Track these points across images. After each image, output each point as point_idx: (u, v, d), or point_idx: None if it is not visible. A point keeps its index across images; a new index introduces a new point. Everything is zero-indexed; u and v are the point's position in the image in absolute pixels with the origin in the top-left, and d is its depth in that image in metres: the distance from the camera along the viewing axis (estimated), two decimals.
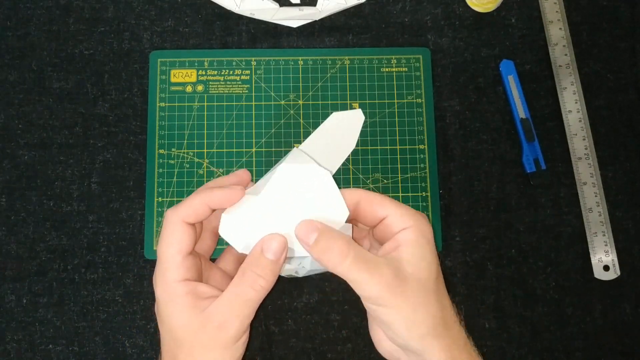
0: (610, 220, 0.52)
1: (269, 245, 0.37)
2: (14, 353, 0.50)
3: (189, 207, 0.38)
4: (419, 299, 0.36)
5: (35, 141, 0.53)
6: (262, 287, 0.37)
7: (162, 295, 0.38)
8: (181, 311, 0.37)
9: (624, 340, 0.51)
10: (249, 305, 0.37)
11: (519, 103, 0.54)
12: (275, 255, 0.37)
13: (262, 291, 0.37)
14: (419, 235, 0.37)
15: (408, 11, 0.56)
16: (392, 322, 0.36)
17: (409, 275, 0.36)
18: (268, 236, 0.38)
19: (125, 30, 0.55)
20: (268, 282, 0.37)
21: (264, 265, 0.37)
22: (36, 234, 0.52)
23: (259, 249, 0.37)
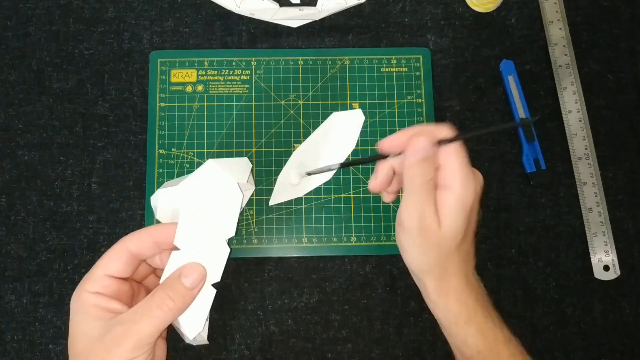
0: (610, 220, 0.52)
1: (189, 273, 0.39)
2: (14, 353, 0.50)
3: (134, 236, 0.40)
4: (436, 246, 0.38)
5: (35, 141, 0.53)
6: (170, 309, 0.37)
7: (74, 303, 0.38)
8: (86, 320, 0.37)
9: (624, 340, 0.51)
10: (152, 323, 0.37)
11: (519, 103, 0.54)
12: (192, 283, 0.39)
13: (169, 313, 0.37)
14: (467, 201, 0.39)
15: (408, 11, 0.56)
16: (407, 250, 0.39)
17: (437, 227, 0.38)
18: (189, 264, 0.39)
19: (125, 30, 0.55)
20: (177, 306, 0.38)
21: (178, 289, 0.38)
22: (36, 234, 0.52)
23: (178, 274, 0.39)
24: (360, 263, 0.51)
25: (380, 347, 0.50)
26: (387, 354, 0.50)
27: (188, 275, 0.39)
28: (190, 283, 0.39)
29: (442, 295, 0.39)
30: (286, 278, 0.51)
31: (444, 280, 0.39)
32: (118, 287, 0.39)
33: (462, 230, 0.38)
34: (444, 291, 0.39)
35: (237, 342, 0.50)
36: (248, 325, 0.50)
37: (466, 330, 0.39)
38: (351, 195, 0.52)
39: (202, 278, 0.39)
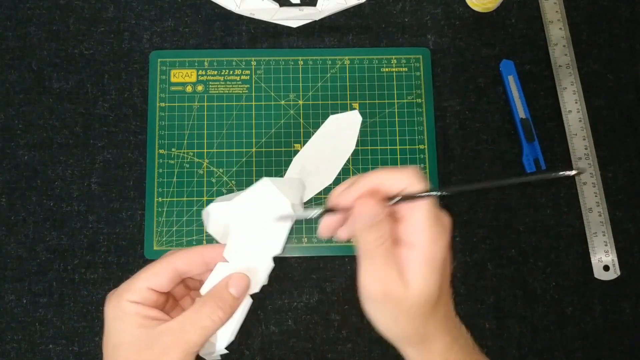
0: (610, 220, 0.52)
1: (235, 283, 0.39)
2: (14, 353, 0.50)
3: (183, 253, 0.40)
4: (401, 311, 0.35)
5: (35, 141, 0.53)
6: (220, 318, 0.37)
7: (113, 311, 0.37)
8: (129, 328, 0.37)
9: (624, 340, 0.51)
10: (201, 333, 0.37)
11: (519, 103, 0.54)
12: (238, 292, 0.38)
13: (218, 322, 0.37)
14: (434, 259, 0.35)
15: (408, 11, 0.56)
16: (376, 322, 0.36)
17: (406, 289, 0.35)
18: (235, 274, 0.39)
19: (125, 30, 0.55)
20: (226, 315, 0.38)
21: (226, 299, 0.38)
22: (36, 234, 0.52)
23: (225, 283, 0.38)
24: None
25: (380, 347, 0.50)
26: (387, 354, 0.50)
27: (235, 285, 0.39)
28: (237, 292, 0.38)
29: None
30: (286, 278, 0.51)
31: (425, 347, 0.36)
32: (156, 299, 0.39)
33: (436, 290, 0.34)
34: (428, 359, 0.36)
35: (237, 342, 0.50)
36: (248, 325, 0.50)
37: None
38: None
39: (247, 287, 0.39)
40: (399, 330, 0.35)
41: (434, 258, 0.34)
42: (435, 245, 0.34)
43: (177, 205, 0.52)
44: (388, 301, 0.34)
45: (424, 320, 0.35)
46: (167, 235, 0.51)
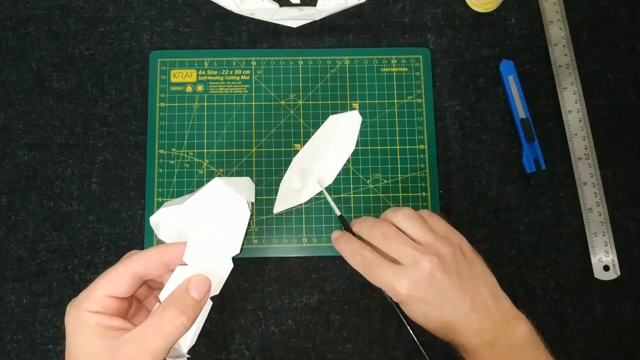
0: (610, 220, 0.52)
1: (196, 285, 0.38)
2: (14, 353, 0.50)
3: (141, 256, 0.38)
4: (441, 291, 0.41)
5: (35, 141, 0.53)
6: (183, 324, 0.36)
7: (72, 323, 0.36)
8: (90, 340, 0.35)
9: (624, 340, 0.51)
10: (165, 341, 0.36)
11: (519, 103, 0.54)
12: (199, 295, 0.38)
13: (181, 328, 0.36)
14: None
15: (408, 11, 0.56)
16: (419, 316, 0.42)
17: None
18: (195, 276, 0.38)
19: (125, 30, 0.55)
20: (189, 320, 0.37)
21: (188, 303, 0.37)
22: (36, 234, 0.52)
23: (185, 287, 0.38)
24: None
25: (380, 347, 0.50)
26: (387, 354, 0.50)
27: (196, 288, 0.38)
28: (198, 295, 0.38)
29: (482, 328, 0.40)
30: (286, 278, 0.51)
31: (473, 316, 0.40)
32: (118, 306, 0.38)
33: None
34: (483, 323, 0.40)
35: (237, 342, 0.50)
36: (248, 325, 0.50)
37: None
38: (351, 196, 0.52)
39: (208, 289, 0.39)
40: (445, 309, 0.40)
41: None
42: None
43: None
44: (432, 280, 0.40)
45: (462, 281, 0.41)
46: None
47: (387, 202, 0.52)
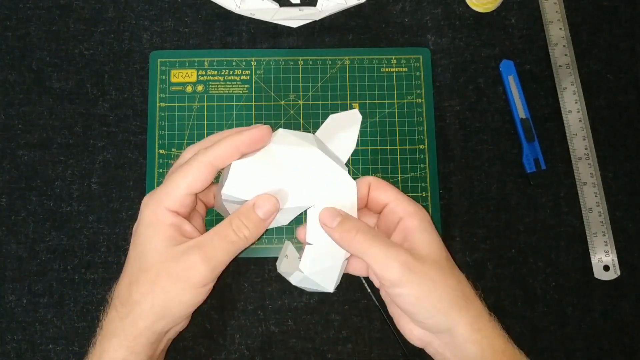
0: (610, 220, 0.52)
1: (262, 204, 0.38)
2: (14, 353, 0.50)
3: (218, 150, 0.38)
4: (437, 275, 0.37)
5: (35, 141, 0.53)
6: (245, 236, 0.38)
7: (149, 216, 0.38)
8: (160, 237, 0.37)
9: (624, 340, 0.51)
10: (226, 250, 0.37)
11: (519, 103, 0.54)
12: (264, 214, 0.38)
13: (243, 240, 0.38)
14: (422, 220, 0.39)
15: (408, 11, 0.56)
16: (416, 301, 0.37)
17: (423, 256, 0.38)
18: (263, 195, 0.39)
19: (125, 30, 0.55)
20: (251, 234, 0.38)
21: (252, 218, 0.38)
22: (36, 234, 0.52)
23: (251, 203, 0.38)
24: None
25: (380, 347, 0.50)
26: (387, 354, 0.50)
27: (261, 206, 0.38)
28: (264, 214, 0.38)
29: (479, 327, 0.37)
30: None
31: (471, 307, 0.38)
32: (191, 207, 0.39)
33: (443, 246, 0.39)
34: (480, 321, 0.38)
35: (237, 342, 0.50)
36: (248, 325, 0.50)
37: None
38: None
39: (275, 210, 0.39)
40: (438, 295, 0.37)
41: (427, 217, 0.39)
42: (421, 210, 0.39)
43: None
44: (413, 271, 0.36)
45: (458, 277, 0.38)
46: None
47: None
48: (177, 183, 0.38)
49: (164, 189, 0.38)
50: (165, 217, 0.37)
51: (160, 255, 0.37)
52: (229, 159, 0.39)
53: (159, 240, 0.37)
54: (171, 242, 0.37)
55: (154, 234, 0.37)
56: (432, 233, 0.39)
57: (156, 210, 0.38)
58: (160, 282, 0.36)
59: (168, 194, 0.38)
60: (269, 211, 0.38)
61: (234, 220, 0.38)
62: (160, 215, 0.37)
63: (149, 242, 0.37)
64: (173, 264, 0.36)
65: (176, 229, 0.37)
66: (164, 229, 0.37)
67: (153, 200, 0.38)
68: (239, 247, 0.38)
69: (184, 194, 0.38)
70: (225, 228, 0.38)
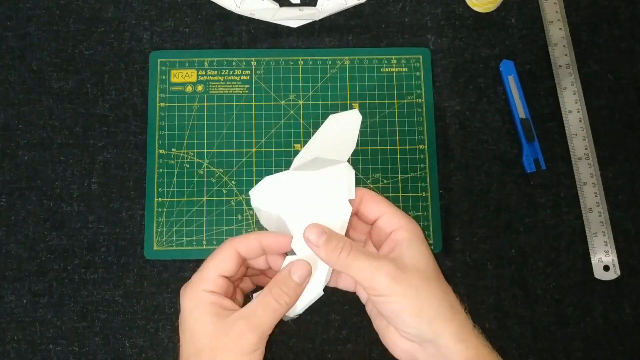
0: (610, 220, 0.52)
1: (297, 270, 0.41)
2: (14, 353, 0.50)
3: (243, 239, 0.42)
4: (422, 285, 0.39)
5: (35, 141, 0.53)
6: (286, 303, 0.40)
7: (189, 303, 0.40)
8: (206, 316, 0.39)
9: (624, 340, 0.51)
10: (271, 316, 0.39)
11: (519, 103, 0.54)
12: (300, 278, 0.41)
13: (285, 307, 0.40)
14: (412, 233, 0.41)
15: (408, 11, 0.56)
16: (400, 311, 0.38)
17: (409, 267, 0.39)
18: (297, 261, 0.41)
19: (125, 30, 0.55)
20: (291, 300, 0.40)
21: (290, 285, 0.41)
22: (36, 234, 0.52)
23: (287, 271, 0.41)
24: None
25: (380, 347, 0.50)
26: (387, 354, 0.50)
27: (296, 272, 0.41)
28: (299, 278, 0.41)
29: (464, 337, 0.38)
30: None
31: (456, 318, 0.39)
32: (227, 286, 0.41)
33: (431, 258, 0.40)
34: (464, 332, 0.38)
35: None
36: None
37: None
38: None
39: (309, 274, 0.41)
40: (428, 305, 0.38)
41: (417, 230, 0.41)
42: (411, 222, 0.41)
43: (177, 205, 0.52)
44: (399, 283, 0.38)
45: (444, 289, 0.39)
46: (167, 235, 0.51)
47: None
48: (207, 267, 0.41)
49: (198, 274, 0.41)
50: (204, 297, 0.40)
51: (210, 333, 0.39)
52: (252, 249, 0.42)
53: (205, 320, 0.39)
54: (217, 318, 0.39)
55: (199, 315, 0.39)
56: (421, 246, 0.40)
57: (195, 294, 0.40)
58: (218, 356, 0.38)
59: (202, 277, 0.41)
60: (303, 275, 0.41)
61: (274, 288, 0.40)
62: (200, 297, 0.40)
63: (197, 323, 0.39)
64: (224, 337, 0.38)
65: (218, 306, 0.40)
66: (207, 308, 0.39)
67: (189, 286, 0.41)
68: (281, 313, 0.40)
69: (214, 276, 0.40)
70: (266, 297, 0.40)
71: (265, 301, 0.40)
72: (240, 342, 0.38)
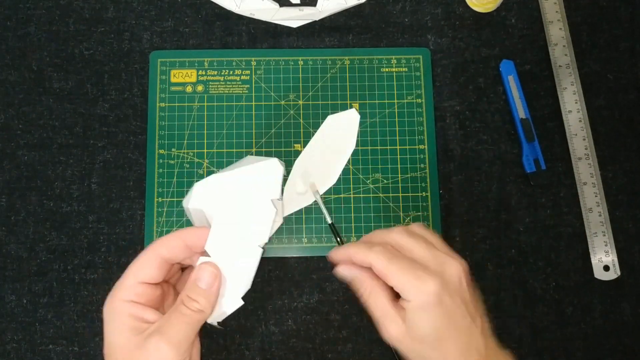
0: (610, 220, 0.52)
1: (201, 276, 0.40)
2: (14, 353, 0.50)
3: (163, 240, 0.40)
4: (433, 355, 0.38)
5: (35, 141, 0.53)
6: (197, 309, 0.39)
7: (107, 313, 0.39)
8: (122, 329, 0.38)
9: (624, 340, 0.51)
10: (184, 329, 0.38)
11: (519, 103, 0.54)
12: (207, 285, 0.40)
13: (198, 313, 0.39)
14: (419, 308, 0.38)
15: (408, 11, 0.56)
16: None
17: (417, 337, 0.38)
18: (201, 266, 0.40)
19: (125, 30, 0.55)
20: (202, 305, 0.39)
21: (198, 292, 0.39)
22: (36, 234, 0.52)
23: (193, 278, 0.40)
24: None
25: (380, 347, 0.50)
26: (387, 354, 0.50)
27: (201, 279, 0.40)
28: (205, 284, 0.40)
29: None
30: (286, 278, 0.51)
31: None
32: (151, 292, 0.40)
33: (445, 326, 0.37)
34: None
35: (237, 342, 0.50)
36: (248, 326, 0.50)
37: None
38: (351, 196, 0.52)
39: (215, 277, 0.40)
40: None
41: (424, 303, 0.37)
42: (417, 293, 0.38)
43: (177, 205, 0.52)
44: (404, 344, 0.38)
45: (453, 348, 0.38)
46: None
47: (387, 202, 0.52)
48: (126, 274, 0.39)
49: (118, 283, 0.40)
50: (123, 308, 0.38)
51: (125, 347, 0.37)
52: (175, 249, 0.40)
53: (120, 333, 0.38)
54: (133, 332, 0.38)
55: (115, 327, 0.38)
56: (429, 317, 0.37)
57: (112, 304, 0.39)
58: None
59: (120, 286, 0.39)
60: (209, 281, 0.40)
61: (183, 296, 0.39)
62: (118, 308, 0.38)
63: (114, 337, 0.38)
64: (138, 352, 0.37)
65: (136, 319, 0.38)
66: (123, 320, 0.38)
67: (110, 297, 0.39)
68: (196, 319, 0.39)
69: (133, 283, 0.39)
70: (178, 306, 0.39)
71: (177, 310, 0.38)
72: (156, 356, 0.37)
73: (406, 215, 0.52)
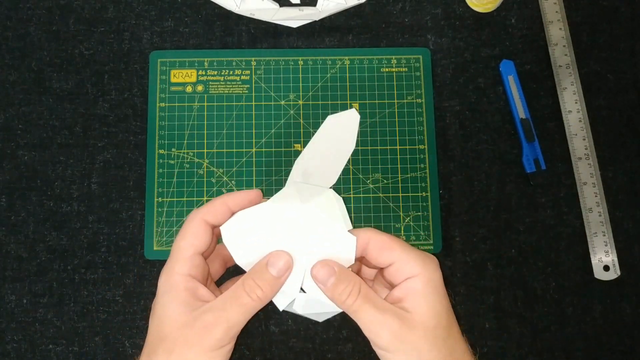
0: (610, 220, 0.52)
1: (275, 262, 0.38)
2: (14, 353, 0.50)
3: (209, 207, 0.39)
4: (427, 346, 0.36)
5: (35, 141, 0.53)
6: (259, 297, 0.37)
7: (163, 285, 0.38)
8: (175, 303, 0.37)
9: (624, 340, 0.51)
10: (241, 311, 0.37)
11: (519, 103, 0.54)
12: (278, 272, 0.38)
13: (257, 301, 0.37)
14: (426, 283, 0.37)
15: (408, 11, 0.56)
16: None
17: (417, 324, 0.36)
18: (276, 252, 0.38)
19: (125, 30, 0.55)
20: (265, 294, 0.37)
21: (266, 278, 0.38)
22: (36, 234, 0.52)
23: (265, 262, 0.38)
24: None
25: None
26: None
27: (274, 264, 0.38)
28: (277, 272, 0.38)
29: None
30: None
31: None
32: (204, 267, 0.39)
33: (444, 311, 0.37)
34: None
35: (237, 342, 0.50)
36: (248, 325, 0.50)
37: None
38: (351, 196, 0.52)
39: (288, 267, 0.38)
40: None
41: (431, 279, 0.37)
42: (430, 271, 0.37)
43: (177, 205, 0.52)
44: (403, 336, 0.36)
45: (447, 342, 0.36)
46: (167, 235, 0.51)
47: (387, 202, 0.52)
48: (179, 246, 0.38)
49: (171, 255, 0.39)
50: (178, 281, 0.37)
51: (176, 322, 0.37)
52: (220, 213, 0.39)
53: (174, 307, 0.37)
54: (187, 307, 0.37)
55: (169, 300, 0.37)
56: (435, 298, 0.37)
57: (169, 277, 0.38)
58: (177, 350, 0.36)
59: (175, 259, 0.38)
60: (283, 269, 0.38)
61: (247, 280, 0.37)
62: (173, 281, 0.38)
63: (165, 310, 0.37)
64: (188, 329, 0.36)
65: (191, 294, 0.37)
66: (179, 294, 0.37)
67: (166, 268, 0.39)
68: (253, 307, 0.37)
69: (190, 255, 0.38)
70: (237, 289, 0.37)
71: (234, 295, 0.37)
72: (204, 336, 0.36)
73: (406, 215, 0.52)
